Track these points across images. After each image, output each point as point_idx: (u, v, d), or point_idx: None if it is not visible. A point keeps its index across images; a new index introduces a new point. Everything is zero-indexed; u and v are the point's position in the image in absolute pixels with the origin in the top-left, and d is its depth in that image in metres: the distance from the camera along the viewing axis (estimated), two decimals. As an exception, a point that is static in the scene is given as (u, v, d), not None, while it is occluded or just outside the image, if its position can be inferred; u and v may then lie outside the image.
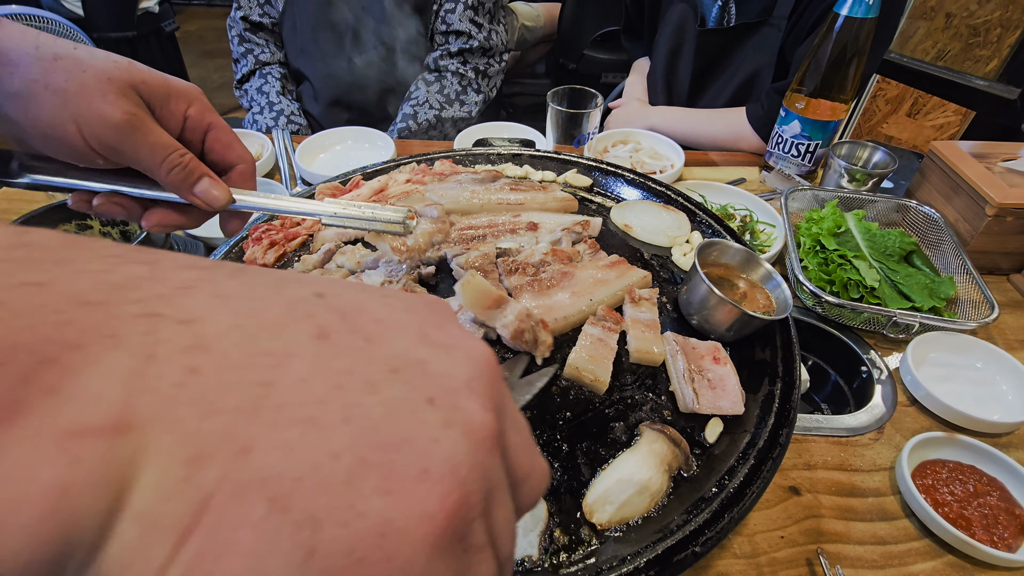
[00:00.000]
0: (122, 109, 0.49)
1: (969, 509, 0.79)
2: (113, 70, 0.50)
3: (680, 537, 0.60)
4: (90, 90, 0.48)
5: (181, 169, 0.54)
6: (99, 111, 0.48)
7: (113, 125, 0.49)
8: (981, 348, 1.00)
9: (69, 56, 0.49)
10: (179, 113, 0.55)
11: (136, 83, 0.51)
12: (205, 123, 0.57)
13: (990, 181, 1.14)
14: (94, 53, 0.50)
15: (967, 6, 2.22)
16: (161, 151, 0.52)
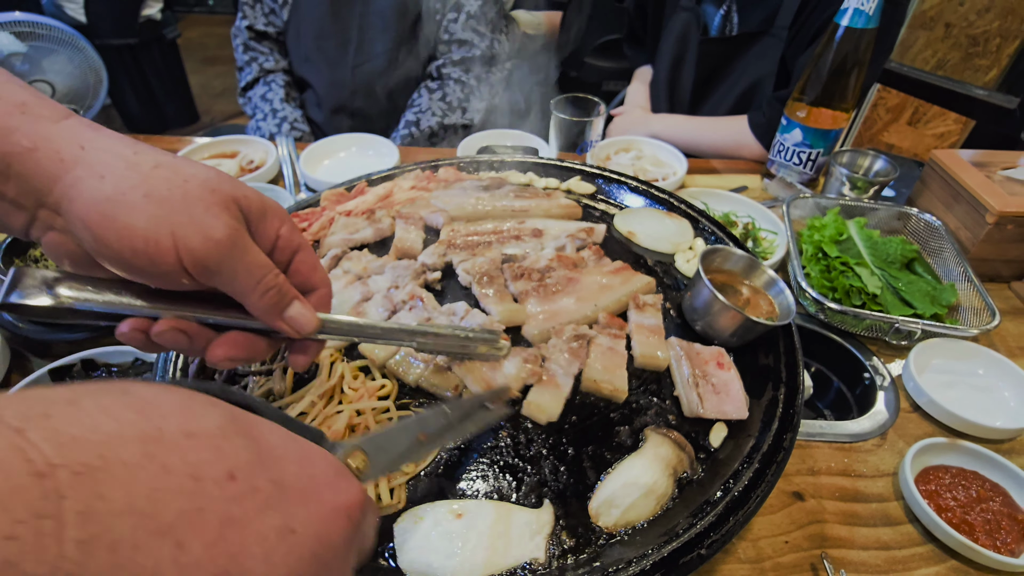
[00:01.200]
0: (226, 224, 0.45)
1: (972, 514, 0.79)
2: (216, 182, 0.46)
3: (685, 540, 0.61)
4: (194, 200, 0.44)
5: (276, 292, 0.49)
6: (202, 224, 0.44)
7: (216, 240, 0.44)
8: (983, 355, 1.01)
9: (169, 164, 0.45)
10: (272, 232, 0.51)
11: (239, 198, 0.47)
12: (295, 244, 0.53)
13: (990, 189, 1.15)
14: (194, 163, 0.47)
15: (966, 16, 2.25)
16: (259, 271, 0.48)
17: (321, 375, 0.76)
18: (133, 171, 0.43)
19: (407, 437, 0.51)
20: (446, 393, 0.75)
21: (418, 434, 0.51)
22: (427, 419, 0.54)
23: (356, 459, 0.42)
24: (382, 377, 0.77)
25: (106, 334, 0.96)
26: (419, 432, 0.52)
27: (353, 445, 0.43)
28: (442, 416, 0.56)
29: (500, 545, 0.61)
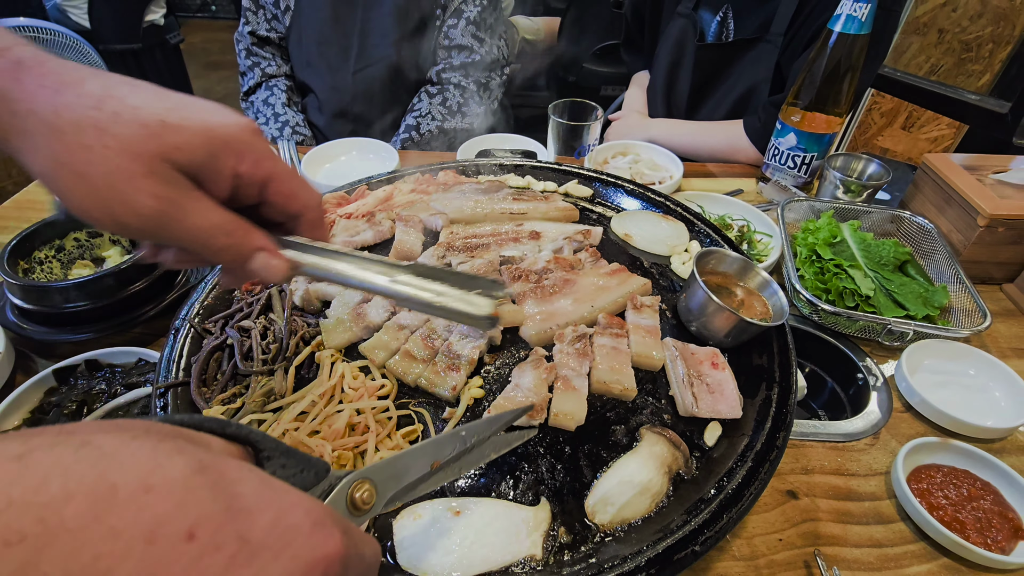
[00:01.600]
0: (152, 195, 0.42)
1: (963, 513, 0.80)
2: (139, 141, 0.41)
3: (680, 536, 0.62)
4: (115, 174, 0.41)
5: (230, 249, 0.47)
6: (127, 201, 0.41)
7: (145, 215, 0.42)
8: (974, 356, 1.02)
9: (91, 123, 0.41)
10: (227, 172, 0.46)
11: (168, 152, 0.42)
12: (261, 176, 0.48)
13: (981, 193, 1.17)
14: (119, 113, 0.42)
15: (959, 22, 2.27)
16: (203, 236, 0.45)
17: (322, 375, 0.77)
18: (57, 139, 0.41)
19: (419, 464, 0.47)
20: (445, 393, 0.76)
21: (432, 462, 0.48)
22: (442, 443, 0.50)
23: (361, 489, 0.40)
24: (382, 377, 0.78)
25: (110, 334, 0.97)
26: (433, 459, 0.48)
27: (360, 475, 0.40)
28: (458, 440, 0.51)
29: (498, 542, 0.63)
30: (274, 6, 1.95)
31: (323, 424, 0.70)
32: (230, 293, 0.93)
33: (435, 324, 0.84)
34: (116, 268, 0.96)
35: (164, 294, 1.03)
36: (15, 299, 0.96)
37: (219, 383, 0.79)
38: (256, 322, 0.86)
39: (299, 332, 0.85)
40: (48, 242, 1.07)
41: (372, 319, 0.84)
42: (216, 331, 0.85)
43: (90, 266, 1.11)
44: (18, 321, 0.97)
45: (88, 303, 0.95)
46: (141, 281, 0.99)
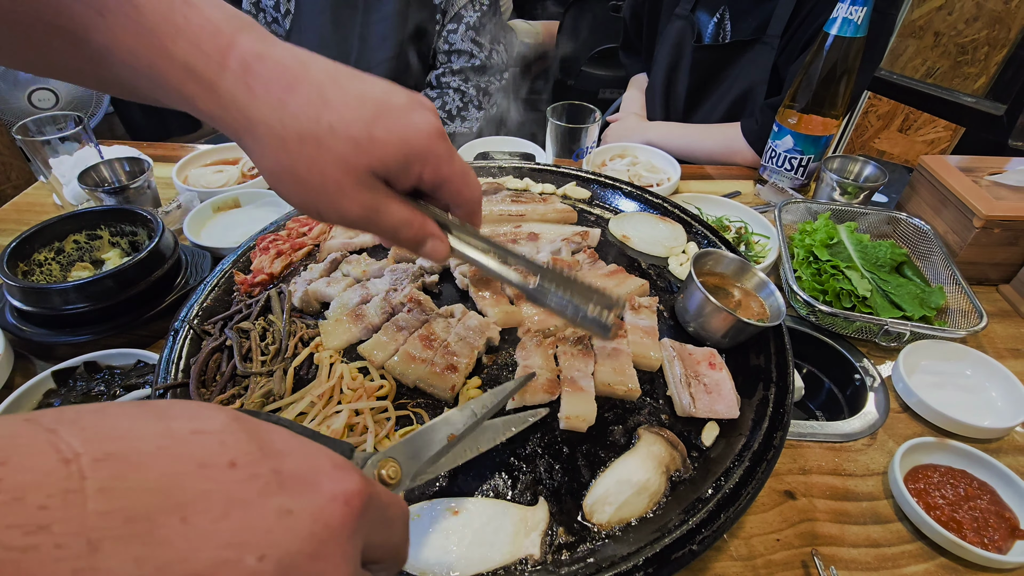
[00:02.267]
0: (359, 204, 0.52)
1: (960, 512, 0.80)
2: (352, 156, 0.50)
3: (677, 536, 0.62)
4: (330, 184, 0.50)
5: (411, 239, 0.58)
6: (338, 207, 0.52)
7: (351, 219, 0.54)
8: (971, 356, 1.03)
9: (311, 138, 0.49)
10: (414, 177, 0.56)
11: (373, 165, 0.51)
12: (439, 181, 0.57)
13: (977, 194, 1.18)
14: (334, 127, 0.49)
15: (955, 25, 2.29)
16: (393, 229, 0.56)
17: (320, 376, 0.77)
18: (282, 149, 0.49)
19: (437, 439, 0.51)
20: (443, 393, 0.77)
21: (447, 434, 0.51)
22: (452, 418, 0.54)
23: (388, 468, 0.43)
24: (380, 378, 0.78)
25: (109, 336, 0.97)
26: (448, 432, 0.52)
27: (384, 454, 0.44)
28: (467, 413, 0.55)
29: (496, 542, 0.63)
30: (274, 9, 1.96)
31: (322, 425, 0.70)
32: (229, 295, 0.94)
33: (433, 325, 0.84)
34: (115, 270, 0.96)
35: (163, 296, 1.03)
36: (14, 301, 0.96)
37: (218, 384, 0.79)
38: (255, 323, 0.86)
39: (298, 333, 0.85)
40: (47, 244, 1.08)
41: (371, 320, 0.85)
42: (215, 332, 0.85)
43: (89, 268, 1.11)
44: (17, 323, 0.98)
45: (87, 305, 0.95)
46: (140, 283, 0.99)
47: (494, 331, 0.83)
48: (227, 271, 0.96)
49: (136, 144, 1.63)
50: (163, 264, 1.03)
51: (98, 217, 1.12)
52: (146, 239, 1.13)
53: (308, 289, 0.89)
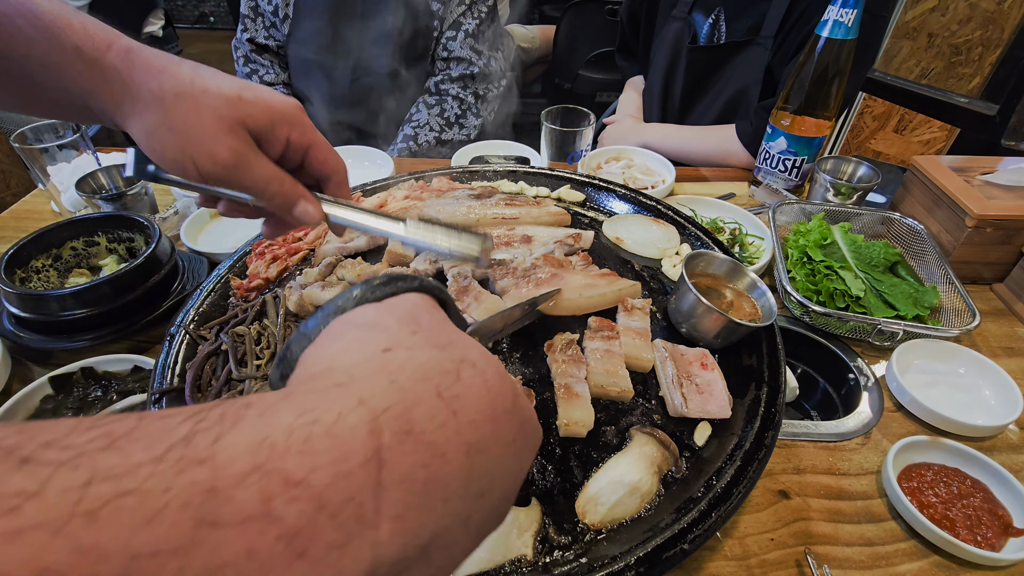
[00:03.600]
0: (230, 148, 0.56)
1: (953, 510, 0.81)
2: (224, 109, 0.55)
3: (669, 535, 0.62)
4: (204, 132, 0.55)
5: (281, 196, 0.60)
6: (210, 152, 0.55)
7: (221, 163, 0.56)
8: (964, 355, 1.03)
9: (187, 95, 0.55)
10: (282, 138, 0.60)
11: (242, 118, 0.56)
12: (305, 144, 0.62)
13: (969, 194, 1.18)
14: (207, 88, 0.55)
15: (948, 26, 2.30)
16: (263, 183, 0.59)
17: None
18: (159, 106, 0.55)
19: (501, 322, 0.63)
20: None
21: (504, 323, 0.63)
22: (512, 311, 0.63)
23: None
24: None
25: (106, 342, 0.98)
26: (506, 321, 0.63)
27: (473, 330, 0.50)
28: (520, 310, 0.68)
29: (488, 542, 0.63)
30: (273, 14, 1.97)
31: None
32: (225, 300, 0.94)
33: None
34: (112, 276, 0.97)
35: (160, 301, 1.04)
36: (12, 308, 0.97)
37: (213, 388, 0.79)
38: (251, 328, 0.87)
39: (293, 337, 0.85)
40: (45, 251, 1.08)
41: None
42: (211, 337, 0.86)
43: (87, 274, 1.12)
44: (15, 329, 0.98)
45: (84, 311, 0.96)
46: (137, 289, 1.00)
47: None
48: (223, 276, 0.97)
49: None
50: (160, 270, 1.03)
51: (95, 224, 1.13)
52: (143, 245, 1.14)
53: (303, 293, 0.90)
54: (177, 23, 6.39)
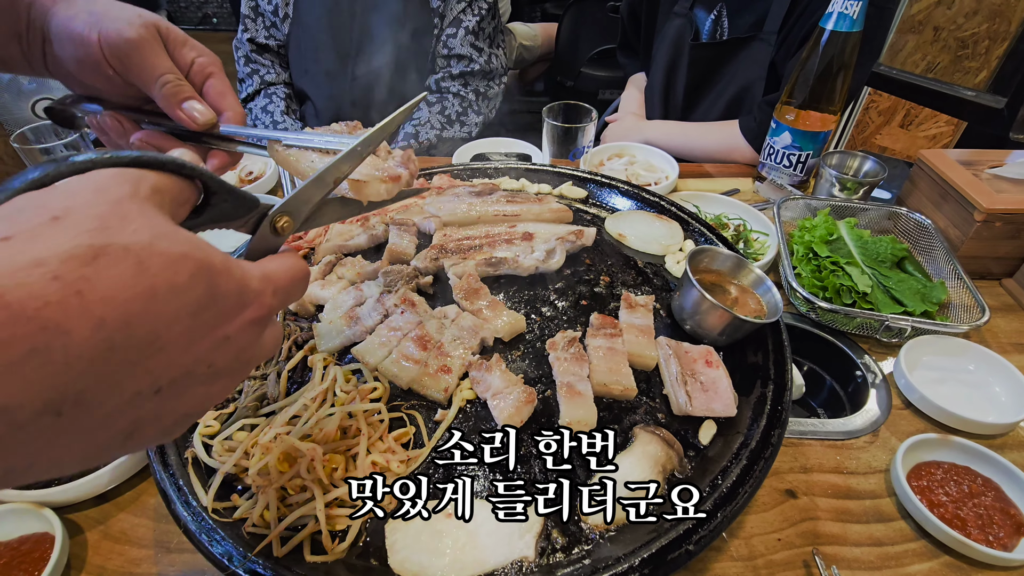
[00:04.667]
0: (137, 31, 0.60)
1: (964, 510, 0.79)
2: (145, 13, 0.61)
3: (674, 536, 0.61)
4: (118, 16, 0.60)
5: (173, 85, 0.62)
6: (118, 28, 0.59)
7: (125, 39, 0.59)
8: (974, 351, 1.01)
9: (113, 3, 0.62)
10: (188, 58, 0.64)
11: (161, 26, 0.62)
12: (207, 72, 0.65)
13: (978, 188, 1.17)
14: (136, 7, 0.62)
15: (954, 19, 2.27)
16: (160, 69, 0.62)
17: (314, 379, 0.77)
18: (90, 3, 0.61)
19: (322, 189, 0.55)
20: (437, 395, 0.76)
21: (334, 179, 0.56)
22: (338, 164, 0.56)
23: (281, 220, 0.51)
24: (374, 380, 0.78)
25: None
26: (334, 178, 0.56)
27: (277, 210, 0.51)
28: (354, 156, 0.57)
29: (490, 544, 0.62)
30: (273, 14, 1.97)
31: (315, 428, 0.70)
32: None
33: (428, 327, 0.83)
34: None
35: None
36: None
37: (212, 388, 0.78)
38: (249, 327, 0.86)
39: (292, 336, 0.85)
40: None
41: (365, 322, 0.84)
42: (210, 337, 0.85)
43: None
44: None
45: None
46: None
47: (488, 332, 0.83)
48: (222, 275, 0.96)
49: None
50: (159, 269, 1.03)
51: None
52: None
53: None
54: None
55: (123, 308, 0.31)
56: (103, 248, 0.31)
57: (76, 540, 0.76)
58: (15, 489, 0.76)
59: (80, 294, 0.30)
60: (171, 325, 0.34)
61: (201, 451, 0.70)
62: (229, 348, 0.38)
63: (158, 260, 0.33)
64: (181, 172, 0.41)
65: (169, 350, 0.34)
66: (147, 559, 0.74)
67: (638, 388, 0.78)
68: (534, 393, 0.75)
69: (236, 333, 0.39)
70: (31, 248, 0.30)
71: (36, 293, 0.28)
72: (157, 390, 0.34)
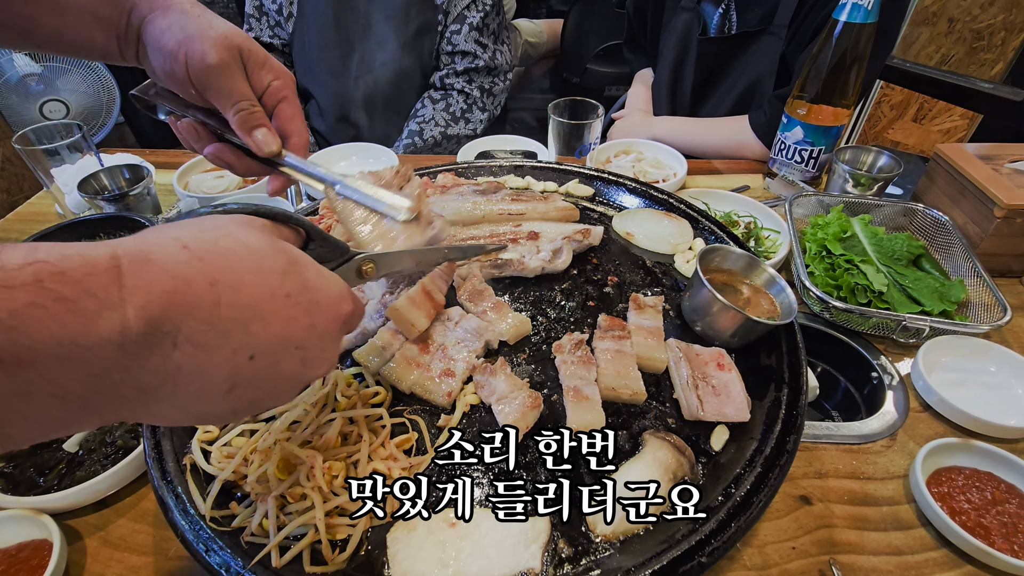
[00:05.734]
0: (219, 55, 0.64)
1: (987, 517, 0.76)
2: (231, 33, 0.66)
3: (686, 548, 0.59)
4: (206, 38, 0.64)
5: (246, 113, 0.67)
6: (203, 51, 0.64)
7: (208, 63, 0.64)
8: (995, 352, 0.98)
9: (206, 15, 0.67)
10: (265, 80, 0.69)
11: (243, 48, 0.67)
12: (281, 95, 0.70)
13: (998, 182, 1.13)
14: (225, 21, 0.67)
15: (969, 10, 2.22)
16: (237, 94, 0.66)
17: (314, 383, 0.75)
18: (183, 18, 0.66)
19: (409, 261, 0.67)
20: (440, 399, 0.74)
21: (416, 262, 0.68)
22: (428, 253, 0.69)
23: (367, 265, 0.61)
24: (376, 384, 0.76)
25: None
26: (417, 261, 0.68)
27: (366, 257, 0.61)
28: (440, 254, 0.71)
29: (495, 555, 0.60)
30: (277, 13, 1.96)
31: (314, 434, 0.68)
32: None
33: (431, 330, 0.81)
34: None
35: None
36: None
37: (212, 393, 0.77)
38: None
39: (293, 339, 0.83)
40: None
41: (366, 325, 0.82)
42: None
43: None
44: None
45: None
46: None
47: (492, 334, 0.81)
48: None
49: (139, 151, 1.63)
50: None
51: (97, 225, 1.12)
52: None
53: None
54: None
55: (233, 275, 0.40)
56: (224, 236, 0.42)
57: (75, 547, 0.75)
58: (13, 495, 0.75)
59: (202, 259, 0.39)
60: (270, 299, 0.42)
61: (200, 457, 0.69)
62: (315, 335, 0.46)
63: (264, 249, 0.44)
64: (288, 222, 0.52)
65: (267, 319, 0.42)
66: (146, 567, 0.73)
67: (647, 392, 0.76)
68: (540, 397, 0.73)
69: (322, 324, 0.46)
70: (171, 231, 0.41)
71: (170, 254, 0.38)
72: (251, 356, 0.41)
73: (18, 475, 0.80)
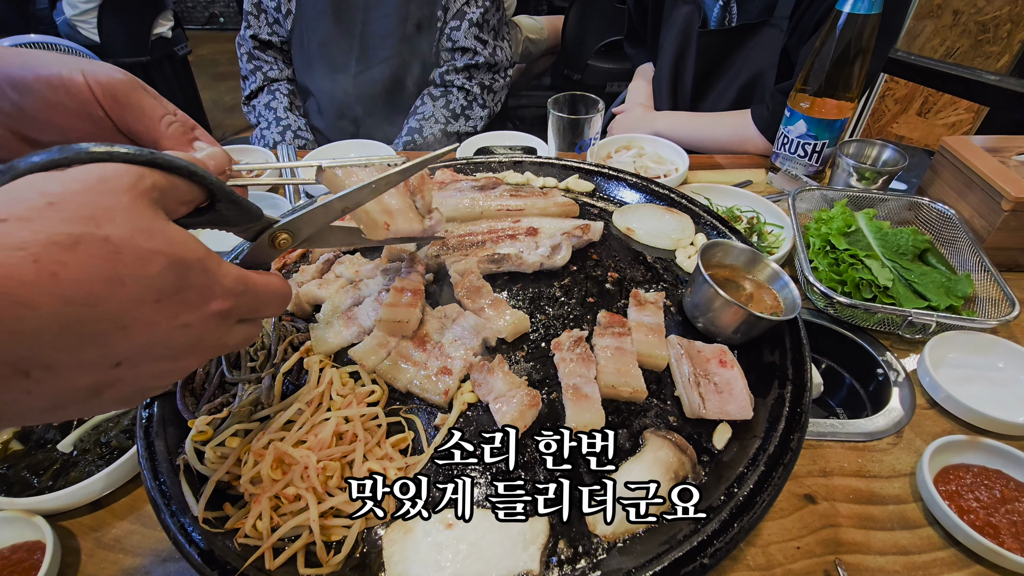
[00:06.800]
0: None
1: (996, 516, 0.75)
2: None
3: (687, 548, 0.58)
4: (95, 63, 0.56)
5: (180, 124, 0.59)
6: (107, 71, 0.55)
7: (120, 80, 0.55)
8: (1002, 347, 0.96)
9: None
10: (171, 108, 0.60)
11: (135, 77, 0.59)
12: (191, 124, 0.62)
13: (1005, 175, 1.11)
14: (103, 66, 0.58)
15: (975, 3, 2.19)
16: (159, 110, 0.58)
17: (310, 381, 0.74)
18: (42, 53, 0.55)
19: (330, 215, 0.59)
20: (436, 398, 0.73)
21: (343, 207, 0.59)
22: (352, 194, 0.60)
23: (280, 237, 0.55)
24: (372, 383, 0.75)
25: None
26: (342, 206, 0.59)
27: (279, 227, 0.55)
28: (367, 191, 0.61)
29: (493, 556, 0.59)
30: (276, 10, 1.94)
31: (310, 433, 0.67)
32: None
33: (428, 327, 0.80)
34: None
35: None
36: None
37: (206, 392, 0.76)
38: (245, 328, 0.83)
39: (288, 338, 0.82)
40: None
41: (362, 323, 0.81)
42: (204, 339, 0.83)
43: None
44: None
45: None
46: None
47: (490, 332, 0.79)
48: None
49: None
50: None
51: None
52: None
53: (299, 291, 0.86)
54: (187, 24, 6.41)
55: (91, 290, 0.35)
56: (84, 236, 0.35)
57: (69, 548, 0.74)
58: (7, 496, 0.75)
59: (55, 275, 0.34)
60: (135, 309, 0.38)
61: (193, 458, 0.68)
62: (188, 334, 0.42)
63: (132, 252, 0.37)
64: (192, 178, 0.45)
65: (131, 329, 0.38)
66: (140, 569, 0.72)
67: (648, 390, 0.75)
68: (538, 396, 0.71)
69: (197, 322, 0.43)
70: (20, 230, 0.33)
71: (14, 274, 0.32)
72: (117, 363, 0.39)
73: (12, 476, 0.79)
